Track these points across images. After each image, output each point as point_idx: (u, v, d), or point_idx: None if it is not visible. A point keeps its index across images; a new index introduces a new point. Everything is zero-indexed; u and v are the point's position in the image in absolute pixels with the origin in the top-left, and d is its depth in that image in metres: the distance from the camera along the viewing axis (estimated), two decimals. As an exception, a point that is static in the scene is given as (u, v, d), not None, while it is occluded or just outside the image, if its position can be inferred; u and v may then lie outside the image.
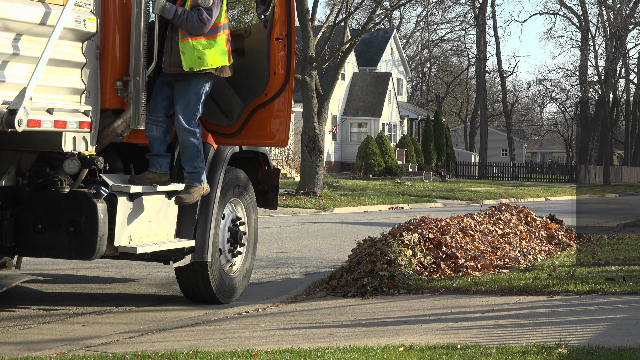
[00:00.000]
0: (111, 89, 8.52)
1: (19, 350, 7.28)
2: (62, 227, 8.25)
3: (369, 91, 62.32)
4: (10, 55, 7.41)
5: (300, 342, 7.20)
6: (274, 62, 9.60)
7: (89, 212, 8.20)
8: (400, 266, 10.36)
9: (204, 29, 8.78)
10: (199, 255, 9.44)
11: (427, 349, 6.73)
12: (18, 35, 7.47)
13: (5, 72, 7.38)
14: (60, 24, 7.61)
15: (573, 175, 72.01)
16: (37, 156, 8.47)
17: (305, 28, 38.23)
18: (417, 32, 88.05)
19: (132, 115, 8.53)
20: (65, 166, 8.24)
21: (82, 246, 8.24)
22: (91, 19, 8.14)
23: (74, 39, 8.04)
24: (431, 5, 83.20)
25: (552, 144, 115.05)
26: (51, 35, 7.54)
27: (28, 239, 8.32)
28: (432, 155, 63.13)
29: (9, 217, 8.28)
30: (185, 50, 8.79)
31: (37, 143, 8.06)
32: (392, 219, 23.03)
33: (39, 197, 8.34)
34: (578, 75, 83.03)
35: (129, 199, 8.63)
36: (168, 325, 8.59)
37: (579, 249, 14.02)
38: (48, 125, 7.73)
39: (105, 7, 8.46)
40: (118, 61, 8.55)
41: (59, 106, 7.89)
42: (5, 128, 7.22)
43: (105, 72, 8.48)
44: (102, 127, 8.50)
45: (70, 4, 7.73)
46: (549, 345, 6.68)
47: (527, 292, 9.60)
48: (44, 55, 7.48)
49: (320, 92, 40.34)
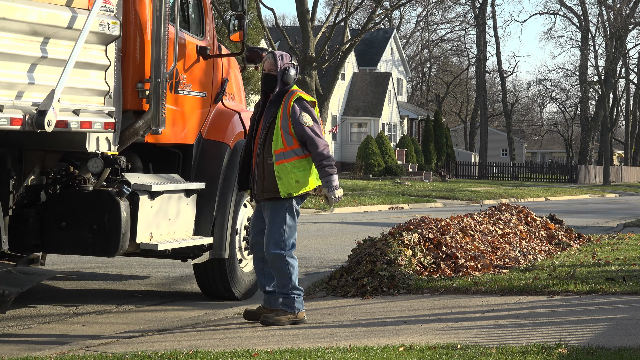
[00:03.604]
0: (132, 91, 8.73)
1: (19, 350, 7.29)
2: (86, 224, 8.47)
3: (369, 91, 62.33)
4: (39, 58, 7.62)
5: (300, 342, 7.19)
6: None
7: (112, 210, 8.42)
8: (400, 266, 10.35)
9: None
10: (217, 252, 9.70)
11: (427, 349, 6.72)
12: (46, 39, 7.68)
13: (34, 74, 7.58)
14: (86, 28, 7.81)
15: (573, 175, 72.01)
16: (60, 156, 8.67)
17: (305, 28, 38.24)
18: (417, 32, 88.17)
19: (152, 116, 8.73)
20: (89, 165, 8.44)
21: (105, 243, 8.47)
22: (114, 23, 8.34)
23: (98, 42, 8.24)
24: (431, 5, 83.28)
25: (552, 144, 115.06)
26: (78, 38, 7.75)
27: (53, 236, 8.54)
28: (432, 155, 63.14)
29: (34, 215, 8.49)
30: (282, 175, 8.15)
31: (62, 143, 8.27)
32: (392, 219, 23.04)
33: (63, 196, 8.57)
34: (578, 75, 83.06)
35: (150, 198, 8.85)
36: (168, 325, 8.59)
37: (579, 249, 14.02)
38: (74, 125, 7.93)
39: (126, 11, 8.68)
40: (138, 63, 8.76)
41: (84, 107, 8.09)
42: (35, 128, 7.42)
43: (126, 74, 8.71)
44: (124, 127, 8.70)
45: (95, 9, 7.95)
46: (549, 345, 6.68)
47: (527, 292, 9.60)
48: (71, 58, 7.68)
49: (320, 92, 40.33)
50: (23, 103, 7.44)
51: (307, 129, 8.10)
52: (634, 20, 75.93)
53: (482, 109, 76.45)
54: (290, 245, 8.22)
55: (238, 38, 9.92)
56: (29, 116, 7.43)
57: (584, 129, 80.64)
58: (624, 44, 76.22)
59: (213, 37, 10.06)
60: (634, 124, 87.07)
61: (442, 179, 58.87)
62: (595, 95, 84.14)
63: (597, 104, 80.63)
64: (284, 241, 8.17)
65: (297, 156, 8.15)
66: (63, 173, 8.66)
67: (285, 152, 8.12)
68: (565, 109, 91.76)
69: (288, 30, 53.56)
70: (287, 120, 8.14)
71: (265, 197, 8.20)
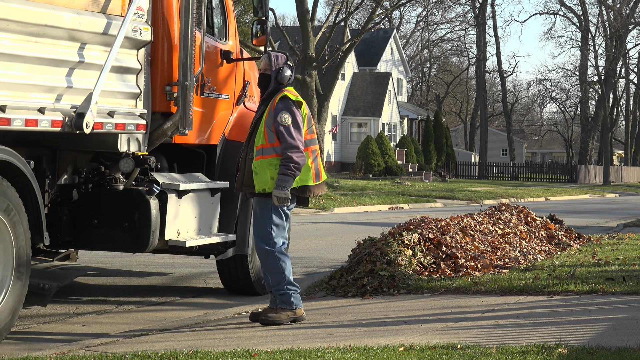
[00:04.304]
0: (161, 93, 9.08)
1: (19, 350, 7.29)
2: (117, 222, 8.82)
3: (369, 91, 62.31)
4: (76, 62, 7.93)
5: (300, 342, 7.19)
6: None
7: (142, 208, 8.77)
8: (400, 266, 10.35)
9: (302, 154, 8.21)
10: (240, 248, 10.07)
11: (427, 349, 6.72)
12: (83, 44, 8.00)
13: (72, 78, 7.87)
14: (121, 34, 8.17)
15: (573, 175, 72.00)
16: (92, 156, 9.03)
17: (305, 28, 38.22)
18: (417, 32, 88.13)
19: (180, 117, 9.02)
20: (120, 165, 8.84)
21: (136, 240, 8.81)
22: (146, 29, 8.69)
23: (131, 47, 8.58)
24: (431, 5, 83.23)
25: (552, 144, 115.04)
26: (113, 44, 8.10)
27: (85, 233, 8.88)
28: (432, 155, 63.12)
29: (66, 213, 8.81)
30: (258, 170, 8.27)
31: (95, 144, 8.52)
32: (392, 219, 23.03)
33: (95, 194, 8.91)
34: (578, 75, 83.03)
35: (177, 196, 9.19)
36: (168, 325, 8.59)
37: (579, 249, 14.02)
38: (109, 127, 8.27)
39: (154, 16, 9.03)
40: (166, 67, 9.12)
41: (118, 110, 8.40)
42: (74, 130, 7.75)
43: (155, 77, 9.05)
44: (152, 128, 9.01)
45: (129, 15, 8.29)
46: (549, 345, 6.68)
47: (527, 292, 9.60)
48: (107, 62, 8.03)
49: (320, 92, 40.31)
50: (62, 106, 7.75)
51: (282, 127, 8.19)
52: (634, 20, 75.92)
53: (482, 109, 76.43)
54: (279, 243, 8.25)
55: (260, 43, 10.26)
56: (68, 118, 7.74)
57: (584, 129, 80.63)
58: (624, 44, 76.21)
59: (235, 42, 10.39)
60: (634, 124, 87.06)
61: (442, 179, 58.86)
62: (595, 95, 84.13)
63: (597, 104, 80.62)
64: (272, 238, 8.22)
65: (275, 154, 8.22)
66: (94, 172, 8.99)
67: (265, 149, 8.24)
68: (565, 109, 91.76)
69: (288, 30, 53.57)
70: (272, 117, 8.26)
71: (244, 191, 8.40)
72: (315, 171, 8.43)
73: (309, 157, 8.38)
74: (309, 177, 8.35)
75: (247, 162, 8.36)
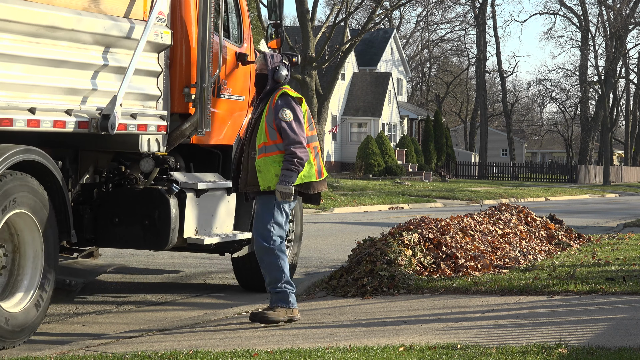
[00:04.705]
0: (179, 95, 9.30)
1: (19, 350, 7.28)
2: (137, 220, 9.08)
3: (369, 91, 62.31)
4: (101, 66, 8.22)
5: (300, 342, 7.19)
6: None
7: (162, 207, 9.04)
8: (400, 266, 10.35)
9: (305, 150, 8.23)
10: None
11: (427, 349, 6.72)
12: (107, 48, 8.29)
13: (97, 81, 8.17)
14: (144, 38, 8.44)
15: (573, 175, 72.00)
16: (112, 156, 9.29)
17: (305, 28, 38.23)
18: (417, 32, 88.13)
19: (198, 119, 9.24)
20: (141, 165, 9.09)
21: (156, 238, 9.08)
22: (167, 32, 8.98)
23: (152, 51, 8.86)
24: (431, 5, 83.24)
25: (552, 144, 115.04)
26: (136, 47, 8.38)
27: (106, 231, 9.12)
28: (432, 155, 63.12)
29: (88, 211, 9.04)
30: (262, 168, 8.26)
31: (116, 144, 8.74)
32: (392, 219, 23.03)
33: (116, 194, 9.17)
34: (578, 75, 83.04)
35: (195, 195, 9.44)
36: (168, 325, 8.59)
37: (579, 249, 14.01)
38: (132, 128, 8.54)
39: (173, 20, 9.26)
40: (185, 69, 9.34)
41: (140, 111, 8.69)
42: (99, 131, 8.03)
43: (174, 79, 9.32)
44: (171, 129, 9.24)
45: (152, 20, 8.58)
46: (549, 345, 6.68)
47: (527, 292, 9.59)
48: (131, 65, 8.31)
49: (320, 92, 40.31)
50: (88, 107, 8.04)
51: (284, 123, 8.21)
52: (634, 20, 75.92)
53: (482, 109, 76.43)
54: (278, 241, 8.25)
55: (275, 45, 10.42)
56: (94, 120, 8.02)
57: (584, 129, 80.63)
58: (624, 44, 76.21)
59: (250, 44, 10.57)
60: (634, 124, 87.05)
61: (442, 179, 58.86)
62: (595, 95, 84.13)
63: (597, 104, 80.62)
64: (272, 236, 8.22)
65: (278, 151, 8.23)
66: (115, 172, 9.25)
67: (267, 146, 8.25)
68: (565, 109, 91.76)
69: (288, 30, 53.57)
70: (272, 115, 8.27)
71: (249, 190, 8.37)
72: (318, 168, 8.46)
73: (311, 153, 8.39)
74: (312, 173, 8.39)
75: (250, 161, 8.35)
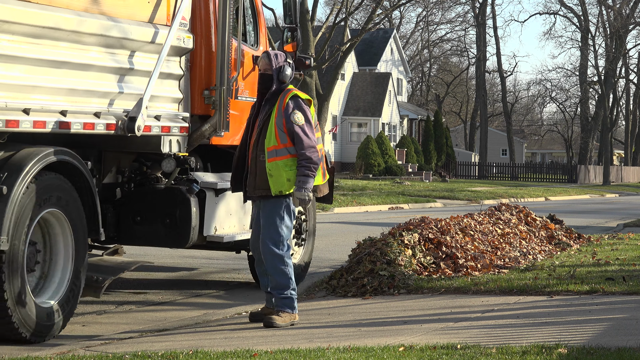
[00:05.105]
0: (199, 97, 9.59)
1: (19, 350, 7.28)
2: (159, 219, 9.36)
3: (369, 91, 62.30)
4: (127, 69, 8.57)
5: (300, 342, 7.19)
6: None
7: (184, 206, 9.32)
8: (400, 266, 10.35)
9: (318, 153, 8.16)
10: None
11: (427, 349, 6.72)
12: (133, 52, 8.63)
13: (123, 84, 8.52)
14: (168, 42, 8.76)
15: (573, 175, 71.99)
16: (134, 157, 9.56)
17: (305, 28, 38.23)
18: (417, 32, 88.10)
19: (218, 120, 9.52)
20: (163, 165, 9.38)
21: (177, 236, 9.35)
22: (188, 37, 9.30)
23: (175, 55, 9.17)
24: (431, 5, 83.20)
25: (552, 144, 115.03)
26: (161, 51, 8.70)
27: (128, 229, 9.42)
28: (432, 155, 63.11)
29: (111, 210, 9.33)
30: (273, 173, 8.15)
31: (140, 145, 9.00)
32: (392, 219, 23.03)
33: (138, 193, 9.45)
34: (578, 75, 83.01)
35: (214, 195, 9.78)
36: (168, 325, 8.59)
37: (579, 249, 14.01)
38: (156, 130, 8.85)
39: (193, 25, 9.54)
40: (204, 72, 9.64)
41: (164, 113, 9.03)
42: (126, 133, 8.36)
43: (194, 82, 9.60)
44: (191, 131, 9.49)
45: (175, 25, 8.88)
46: (549, 345, 6.68)
47: (527, 292, 9.60)
48: (155, 69, 8.62)
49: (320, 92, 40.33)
50: (115, 110, 8.38)
51: (297, 127, 8.09)
52: (634, 20, 75.91)
53: (482, 109, 76.41)
54: (286, 247, 8.20)
55: (291, 48, 10.66)
56: (121, 122, 8.34)
57: (584, 129, 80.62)
58: (624, 44, 76.19)
59: (266, 48, 10.77)
60: (634, 124, 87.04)
61: (442, 179, 58.86)
62: (595, 95, 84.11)
63: (597, 104, 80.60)
64: (283, 241, 8.15)
65: (290, 154, 8.12)
66: (137, 172, 9.53)
67: (278, 150, 8.11)
68: (565, 109, 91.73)
69: (288, 30, 53.48)
70: (282, 117, 8.13)
71: (257, 195, 8.19)
72: (323, 170, 8.43)
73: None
74: (319, 176, 8.34)
75: (259, 164, 8.17)
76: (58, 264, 7.94)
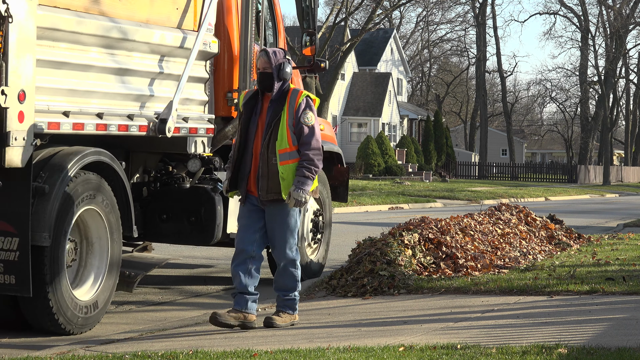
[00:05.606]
0: (223, 100, 9.98)
1: (19, 350, 7.29)
2: (185, 217, 9.65)
3: (369, 91, 62.32)
4: (158, 73, 8.94)
5: (300, 342, 7.19)
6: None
7: (208, 204, 9.62)
8: (400, 266, 10.35)
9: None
10: None
11: (427, 349, 6.72)
12: (162, 57, 8.99)
13: (154, 87, 8.89)
14: (196, 47, 9.09)
15: (573, 175, 72.00)
16: (160, 157, 9.88)
17: (305, 28, 38.16)
18: (417, 32, 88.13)
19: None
20: (189, 165, 9.72)
21: (202, 233, 9.65)
22: (214, 42, 9.60)
23: (201, 59, 9.49)
24: (431, 5, 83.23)
25: (552, 144, 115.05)
26: (189, 56, 9.05)
27: (154, 227, 9.72)
28: (432, 155, 63.13)
29: (138, 208, 9.51)
30: (286, 176, 7.95)
31: (167, 146, 9.38)
32: (392, 219, 23.03)
33: (164, 192, 9.75)
34: (578, 75, 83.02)
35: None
36: (168, 325, 8.59)
37: (579, 249, 14.01)
38: (185, 131, 9.22)
39: (217, 29, 9.84)
40: (227, 75, 10.05)
41: (191, 115, 9.36)
42: (157, 134, 8.74)
43: (218, 85, 10.00)
44: (216, 132, 9.81)
45: (202, 30, 9.22)
46: (549, 345, 6.68)
47: (527, 292, 9.60)
48: (184, 72, 8.97)
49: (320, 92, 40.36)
50: (147, 112, 8.73)
51: (306, 127, 7.96)
52: (634, 20, 75.93)
53: (482, 109, 76.42)
54: (297, 249, 8.19)
55: (310, 52, 10.96)
56: (152, 124, 8.71)
57: (584, 129, 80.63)
58: (624, 44, 76.20)
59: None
60: (634, 124, 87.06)
61: (442, 179, 58.86)
62: (595, 95, 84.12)
63: (597, 104, 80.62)
64: (295, 245, 8.13)
65: None
66: (162, 172, 9.83)
67: (290, 152, 7.95)
68: (565, 109, 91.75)
69: (288, 30, 53.51)
70: (293, 119, 7.98)
71: (269, 199, 7.99)
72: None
73: None
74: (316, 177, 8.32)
75: (271, 167, 7.95)
76: (94, 259, 8.30)
